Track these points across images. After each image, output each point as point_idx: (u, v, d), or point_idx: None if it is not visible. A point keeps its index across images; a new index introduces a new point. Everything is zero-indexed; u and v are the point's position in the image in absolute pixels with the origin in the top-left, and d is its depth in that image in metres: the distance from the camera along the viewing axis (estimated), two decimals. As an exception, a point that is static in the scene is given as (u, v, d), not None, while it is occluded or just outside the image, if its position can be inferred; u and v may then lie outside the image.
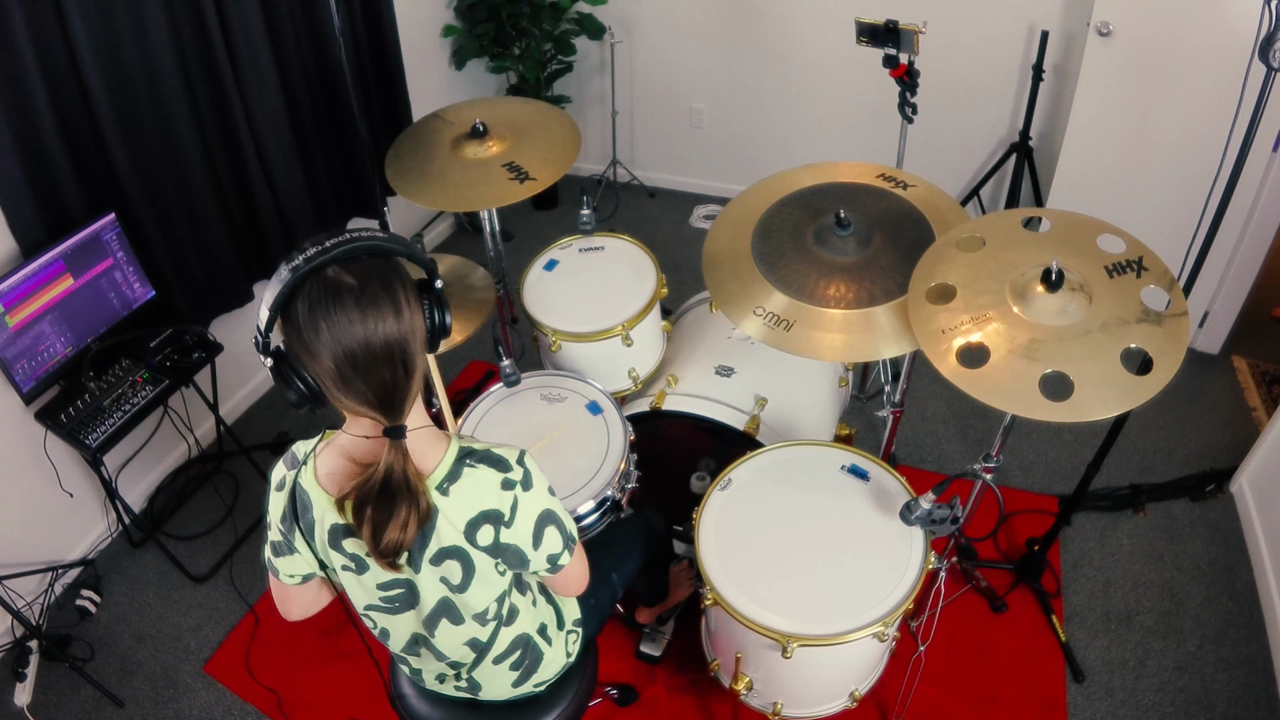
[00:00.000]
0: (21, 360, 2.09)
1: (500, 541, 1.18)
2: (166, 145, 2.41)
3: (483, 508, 1.15)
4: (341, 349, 1.00)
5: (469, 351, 3.23)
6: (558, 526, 1.24)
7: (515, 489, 1.17)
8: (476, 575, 1.20)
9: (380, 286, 1.02)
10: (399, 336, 1.03)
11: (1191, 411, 2.81)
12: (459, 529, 1.14)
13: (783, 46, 3.55)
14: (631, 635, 2.24)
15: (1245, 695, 2.05)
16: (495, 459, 1.17)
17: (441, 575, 1.19)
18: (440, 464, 1.14)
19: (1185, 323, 1.47)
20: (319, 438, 1.18)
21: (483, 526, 1.15)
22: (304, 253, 1.01)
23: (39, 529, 2.42)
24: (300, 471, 1.17)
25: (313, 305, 1.00)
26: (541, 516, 1.21)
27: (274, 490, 1.21)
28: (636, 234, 2.39)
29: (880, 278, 1.75)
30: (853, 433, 2.54)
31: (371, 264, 1.04)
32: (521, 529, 1.19)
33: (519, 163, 2.19)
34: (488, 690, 1.45)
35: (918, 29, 2.05)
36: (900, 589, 1.59)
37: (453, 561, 1.17)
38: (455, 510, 1.14)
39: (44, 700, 2.23)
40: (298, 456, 1.18)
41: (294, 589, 1.29)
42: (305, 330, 1.01)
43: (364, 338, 1.00)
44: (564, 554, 1.26)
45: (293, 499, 1.18)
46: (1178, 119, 2.62)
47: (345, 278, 1.01)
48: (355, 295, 1.00)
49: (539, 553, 1.23)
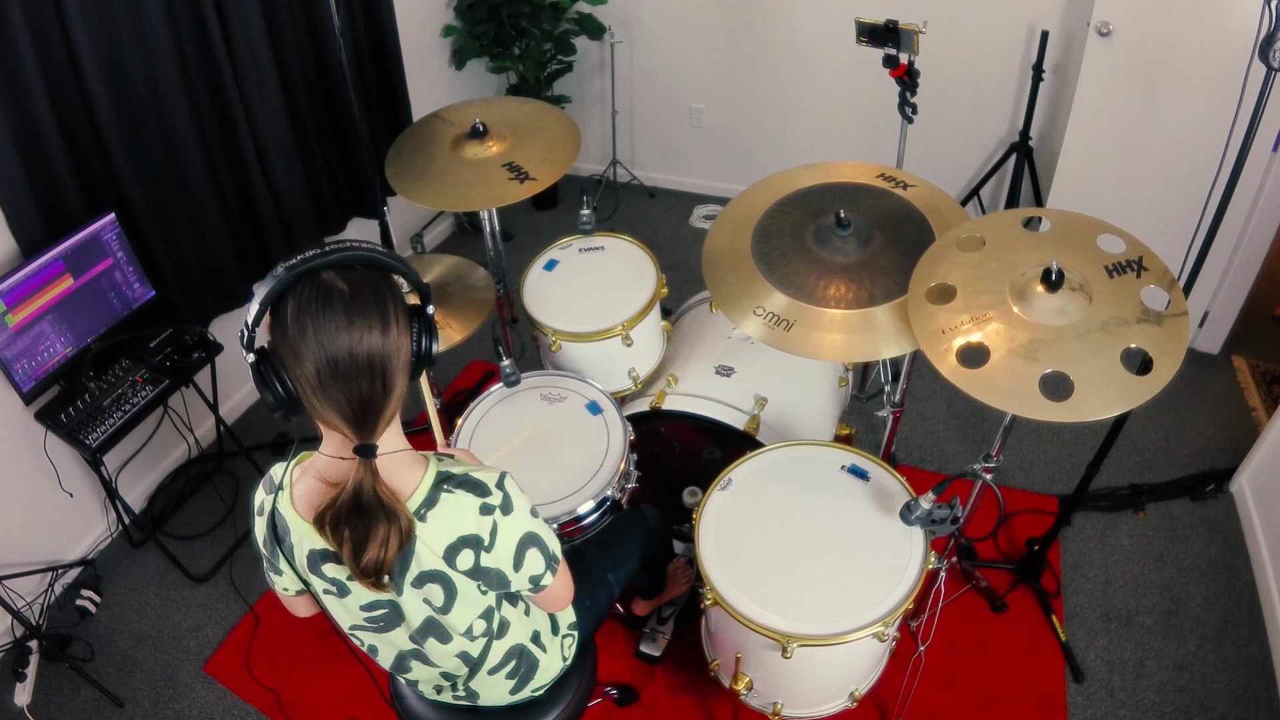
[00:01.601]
0: (21, 360, 2.09)
1: (481, 565, 1.16)
2: (166, 145, 2.41)
3: (461, 533, 1.13)
4: (325, 353, 1.00)
5: (469, 351, 3.23)
6: (540, 548, 1.22)
7: (494, 514, 1.14)
8: (459, 597, 1.19)
9: (371, 298, 1.02)
10: (382, 351, 1.02)
11: (1191, 411, 2.81)
12: (438, 554, 1.13)
13: (783, 46, 3.55)
14: (631, 635, 2.23)
15: (1245, 695, 2.05)
16: (474, 483, 1.14)
17: (424, 597, 1.18)
18: (418, 489, 1.12)
19: (1185, 323, 1.47)
20: (293, 460, 1.16)
21: (462, 551, 1.14)
22: (302, 254, 1.01)
23: (39, 529, 2.42)
24: (278, 496, 1.16)
25: (302, 306, 1.00)
26: (523, 540, 1.19)
27: (255, 515, 1.21)
28: (636, 234, 2.40)
29: (880, 278, 1.75)
30: (853, 433, 2.54)
31: (366, 275, 1.04)
32: (502, 552, 1.17)
33: (519, 163, 2.19)
34: (486, 698, 1.45)
35: (918, 29, 2.05)
36: (900, 589, 1.59)
37: (434, 585, 1.16)
38: (434, 536, 1.12)
39: (44, 700, 2.23)
40: (275, 480, 1.17)
41: (294, 598, 1.30)
42: (291, 329, 1.00)
43: (348, 346, 1.00)
44: (546, 574, 1.24)
45: (272, 523, 1.17)
46: (1178, 119, 2.62)
47: (339, 283, 1.01)
48: (345, 301, 1.00)
49: (520, 574, 1.21)
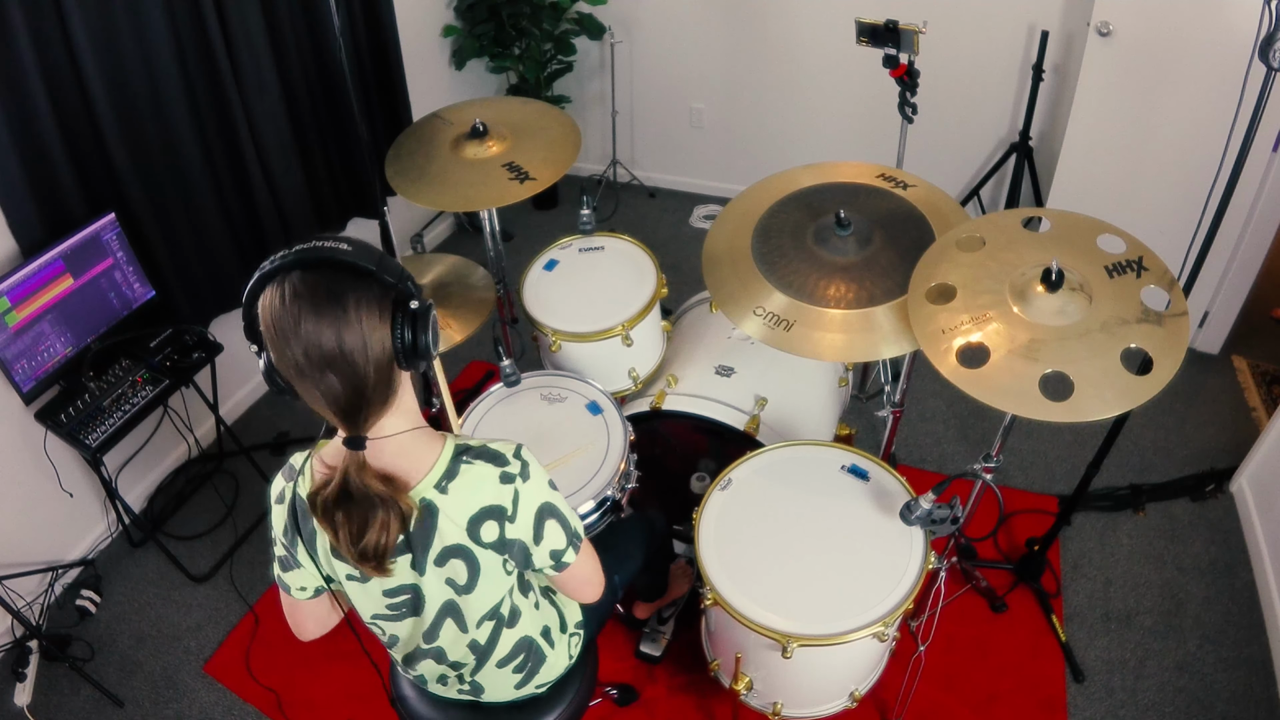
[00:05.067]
0: (21, 360, 2.09)
1: (506, 537, 1.18)
2: (166, 145, 2.41)
3: (484, 503, 1.15)
4: (290, 350, 1.03)
5: (469, 351, 3.24)
6: (559, 521, 1.23)
7: (515, 481, 1.17)
8: (483, 573, 1.20)
9: (326, 298, 1.02)
10: (344, 347, 1.03)
11: (1191, 411, 2.81)
12: (461, 526, 1.14)
13: (782, 46, 3.55)
14: (631, 635, 2.23)
15: (1245, 695, 2.05)
16: (492, 454, 1.17)
17: (447, 576, 1.19)
18: (437, 463, 1.14)
19: (1185, 323, 1.47)
20: (314, 447, 1.18)
21: (486, 523, 1.16)
22: (271, 257, 1.05)
23: (39, 529, 2.42)
24: (298, 482, 1.17)
25: (267, 306, 1.04)
26: (541, 509, 1.20)
27: (274, 504, 1.21)
28: (636, 234, 2.39)
29: (880, 278, 1.75)
30: (853, 433, 2.53)
31: (328, 275, 1.04)
32: (523, 522, 1.19)
33: (519, 163, 2.19)
34: (490, 693, 1.45)
35: (918, 29, 2.05)
36: (900, 589, 1.58)
37: (458, 561, 1.17)
38: (455, 507, 1.14)
39: (44, 700, 2.23)
40: (295, 467, 1.19)
41: (305, 604, 1.29)
42: (264, 328, 1.05)
43: (305, 344, 1.02)
44: (568, 550, 1.25)
45: (293, 510, 1.18)
46: (1178, 119, 2.62)
47: (298, 284, 1.03)
48: (302, 302, 1.02)
49: (541, 548, 1.22)
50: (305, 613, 1.31)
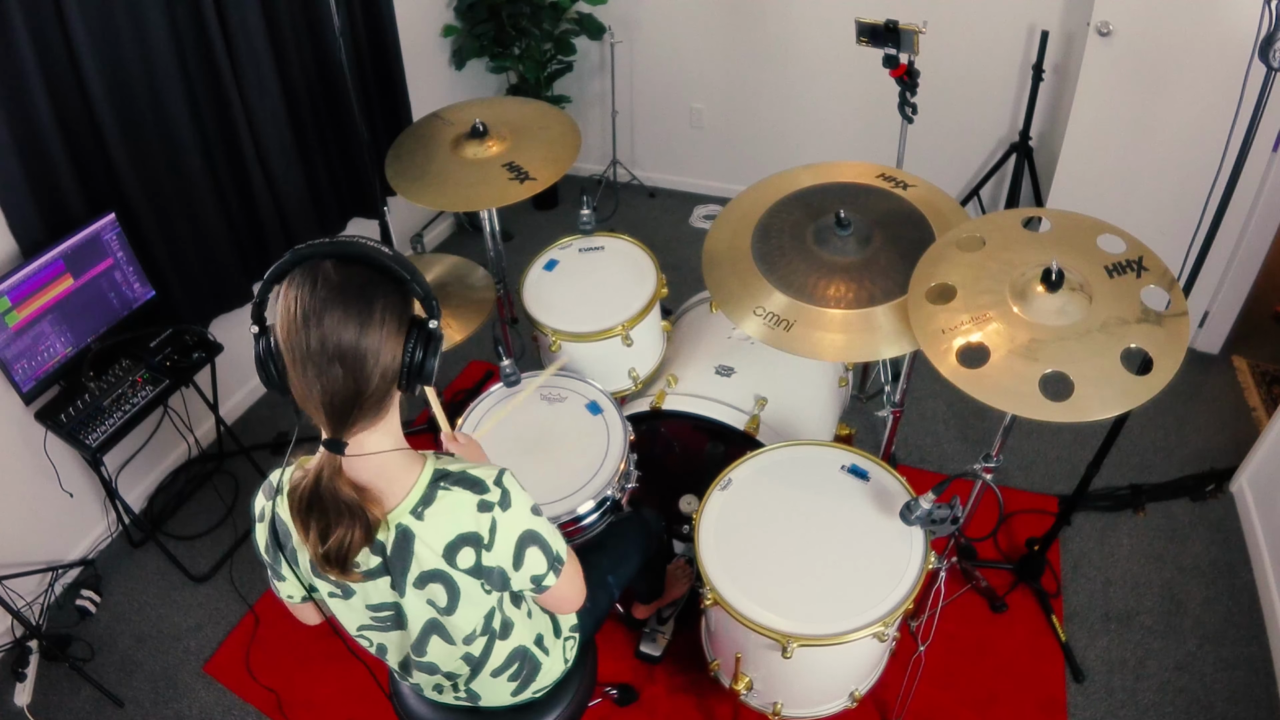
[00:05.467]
0: (21, 360, 2.09)
1: (482, 564, 1.15)
2: (166, 145, 2.41)
3: (460, 530, 1.12)
4: (301, 335, 1.01)
5: (469, 351, 3.23)
6: (541, 547, 1.20)
7: (493, 510, 1.14)
8: (463, 596, 1.18)
9: (357, 294, 1.02)
10: (356, 347, 1.02)
11: (1191, 411, 2.81)
12: (437, 552, 1.12)
13: (783, 46, 3.55)
14: (631, 635, 2.23)
15: (1245, 695, 2.05)
16: (471, 480, 1.14)
17: (427, 598, 1.17)
18: (414, 488, 1.12)
19: (1185, 323, 1.47)
20: (293, 464, 1.16)
21: (462, 549, 1.13)
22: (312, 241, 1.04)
23: (39, 529, 2.42)
24: (277, 501, 1.16)
25: (291, 285, 1.03)
26: (522, 537, 1.18)
27: (256, 522, 1.21)
28: (636, 234, 2.39)
29: (880, 278, 1.75)
30: (853, 433, 2.54)
31: (364, 273, 1.04)
32: (502, 550, 1.16)
33: (519, 163, 2.19)
34: (487, 700, 1.45)
35: (918, 29, 2.05)
36: (900, 589, 1.58)
37: (436, 585, 1.15)
38: (431, 534, 1.12)
39: (44, 700, 2.23)
40: (274, 485, 1.18)
41: (300, 605, 1.31)
42: (280, 305, 1.04)
43: (320, 334, 1.00)
44: (549, 575, 1.23)
45: (273, 529, 1.17)
46: (1178, 119, 2.62)
47: (332, 273, 1.02)
48: (329, 290, 1.01)
49: (521, 574, 1.20)
50: (301, 611, 1.33)
